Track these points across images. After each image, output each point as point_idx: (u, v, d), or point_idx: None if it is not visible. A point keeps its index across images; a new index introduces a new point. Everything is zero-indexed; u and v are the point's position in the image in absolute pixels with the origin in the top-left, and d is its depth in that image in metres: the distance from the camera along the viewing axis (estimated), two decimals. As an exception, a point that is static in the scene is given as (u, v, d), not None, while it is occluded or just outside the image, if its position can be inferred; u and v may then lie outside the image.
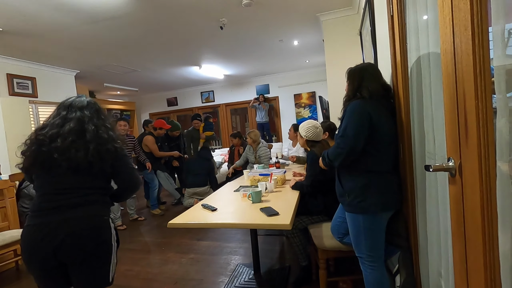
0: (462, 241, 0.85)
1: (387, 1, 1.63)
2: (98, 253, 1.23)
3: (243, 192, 2.22)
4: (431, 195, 1.27)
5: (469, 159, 0.77)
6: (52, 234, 1.17)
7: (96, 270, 1.24)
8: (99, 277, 1.25)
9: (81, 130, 1.28)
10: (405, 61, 1.50)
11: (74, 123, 1.28)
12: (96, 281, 1.25)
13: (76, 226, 1.19)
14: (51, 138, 1.24)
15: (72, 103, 1.38)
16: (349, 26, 3.58)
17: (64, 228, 1.18)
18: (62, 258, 1.19)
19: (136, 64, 5.32)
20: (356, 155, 1.44)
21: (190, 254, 2.91)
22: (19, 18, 3.05)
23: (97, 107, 1.43)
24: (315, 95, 7.27)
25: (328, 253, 1.92)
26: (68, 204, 1.21)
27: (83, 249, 1.20)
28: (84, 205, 1.23)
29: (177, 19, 3.44)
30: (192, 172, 4.64)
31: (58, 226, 1.18)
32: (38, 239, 1.17)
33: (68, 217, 1.19)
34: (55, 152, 1.21)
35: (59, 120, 1.30)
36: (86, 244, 1.20)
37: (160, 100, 8.81)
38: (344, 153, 1.45)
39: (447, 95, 0.88)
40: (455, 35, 0.79)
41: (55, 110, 1.38)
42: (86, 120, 1.31)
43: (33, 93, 4.65)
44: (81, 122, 1.30)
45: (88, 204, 1.24)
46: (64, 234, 1.17)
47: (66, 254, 1.19)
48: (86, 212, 1.22)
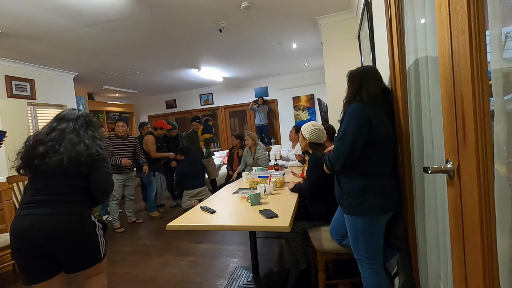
0: (460, 243, 0.85)
1: (385, 5, 1.64)
2: (80, 244, 1.39)
3: (242, 195, 2.22)
4: (429, 197, 1.28)
5: (467, 161, 0.77)
6: (37, 225, 1.32)
7: (84, 256, 1.41)
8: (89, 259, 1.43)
9: (62, 139, 1.45)
10: (403, 64, 1.51)
11: (58, 132, 1.48)
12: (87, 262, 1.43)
13: (57, 223, 1.34)
14: (34, 145, 1.43)
15: (66, 115, 1.58)
16: (347, 29, 3.60)
17: (49, 221, 1.33)
18: (48, 248, 1.33)
19: (135, 67, 5.32)
20: (355, 158, 1.45)
21: (189, 257, 2.90)
22: (19, 20, 3.05)
23: (87, 119, 1.62)
24: (313, 97, 7.29)
25: (327, 255, 1.92)
26: (50, 200, 1.37)
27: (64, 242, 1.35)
28: (66, 202, 1.39)
29: (176, 22, 3.46)
30: (189, 174, 4.62)
31: (43, 218, 1.33)
32: (27, 227, 1.32)
33: (51, 212, 1.35)
34: (35, 158, 1.40)
35: (48, 130, 1.50)
36: (67, 237, 1.35)
37: (159, 102, 8.82)
38: (344, 156, 1.46)
39: (445, 98, 0.89)
40: (453, 39, 0.80)
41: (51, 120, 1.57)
42: (70, 130, 1.50)
43: (31, 95, 4.64)
44: (64, 132, 1.48)
45: (69, 201, 1.40)
46: (49, 226, 1.32)
47: (51, 245, 1.33)
48: (68, 208, 1.38)
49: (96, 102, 7.22)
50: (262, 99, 7.27)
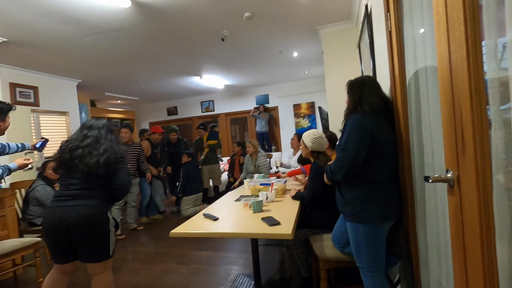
0: (461, 251, 0.87)
1: (385, 17, 1.69)
2: (96, 235, 1.63)
3: (244, 202, 2.23)
4: (430, 206, 1.30)
5: (467, 171, 0.80)
6: (64, 216, 1.59)
7: (97, 248, 1.66)
8: (100, 253, 1.67)
9: (96, 144, 1.73)
10: (403, 75, 1.55)
11: (92, 138, 1.75)
12: (98, 255, 1.68)
13: (80, 212, 1.60)
14: (72, 149, 1.70)
15: (93, 124, 1.84)
16: (347, 39, 3.66)
17: (73, 212, 1.59)
18: (69, 236, 1.60)
19: (137, 74, 5.39)
20: (357, 168, 1.47)
21: (191, 264, 2.90)
22: (24, 29, 3.11)
23: (110, 127, 1.89)
24: (314, 105, 7.34)
25: (329, 263, 1.92)
26: (77, 194, 1.64)
27: (83, 231, 1.60)
28: (90, 197, 1.65)
29: (180, 31, 3.52)
30: (193, 178, 4.65)
31: (69, 210, 1.60)
32: (56, 217, 1.60)
33: (77, 204, 1.61)
34: (76, 159, 1.67)
35: (81, 137, 1.77)
36: (85, 227, 1.59)
37: (160, 109, 8.87)
38: (346, 166, 1.48)
39: (444, 109, 0.92)
40: (451, 53, 0.84)
41: (78, 128, 1.85)
42: (102, 137, 1.77)
43: (35, 102, 4.69)
44: (97, 138, 1.76)
45: (93, 197, 1.66)
46: (73, 217, 1.58)
47: (73, 233, 1.60)
48: (90, 202, 1.64)
49: (98, 109, 7.27)
50: (263, 106, 7.32)
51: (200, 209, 4.25)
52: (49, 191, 3.15)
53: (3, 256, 2.47)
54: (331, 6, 3.20)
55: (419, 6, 1.28)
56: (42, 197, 3.09)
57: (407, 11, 1.47)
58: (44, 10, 2.73)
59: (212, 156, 5.22)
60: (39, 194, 3.10)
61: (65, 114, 5.29)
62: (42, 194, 3.10)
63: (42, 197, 3.09)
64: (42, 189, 3.14)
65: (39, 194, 3.10)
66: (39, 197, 3.09)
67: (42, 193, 3.11)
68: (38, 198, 3.09)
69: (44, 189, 3.14)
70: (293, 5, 3.08)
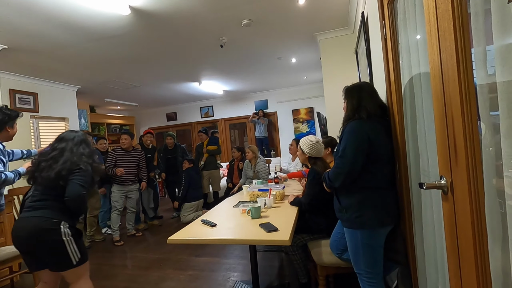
0: (456, 257, 0.88)
1: (380, 25, 1.71)
2: (46, 246, 1.61)
3: (243, 208, 2.24)
4: (426, 212, 1.31)
5: (459, 178, 0.81)
6: (19, 227, 1.64)
7: (53, 258, 1.64)
8: (61, 263, 1.65)
9: (60, 156, 1.74)
10: (399, 82, 1.57)
11: (58, 151, 1.76)
12: (59, 266, 1.66)
13: (29, 224, 1.62)
14: (36, 163, 1.76)
15: (64, 136, 1.85)
16: (345, 45, 3.70)
17: (24, 223, 1.64)
18: (25, 246, 1.65)
19: (136, 80, 5.42)
20: (355, 175, 1.48)
21: (189, 271, 2.88)
22: (24, 36, 3.14)
23: (81, 138, 1.88)
24: (313, 110, 7.38)
25: (328, 269, 1.92)
26: (32, 206, 1.67)
27: (31, 242, 1.61)
28: (41, 208, 1.66)
29: (179, 38, 3.55)
30: (194, 183, 4.64)
31: (24, 221, 1.65)
32: (15, 228, 1.66)
33: (30, 216, 1.64)
34: (37, 171, 1.72)
35: (50, 149, 1.79)
36: (33, 238, 1.60)
37: (159, 115, 8.90)
38: (344, 173, 1.49)
39: (437, 117, 0.93)
40: (442, 62, 0.85)
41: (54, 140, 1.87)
42: (67, 149, 1.77)
43: (34, 108, 4.71)
44: (62, 151, 1.76)
45: (44, 208, 1.66)
46: (23, 228, 1.63)
47: (25, 244, 1.64)
48: (40, 213, 1.64)
49: (97, 115, 7.29)
50: (263, 112, 7.35)
51: (202, 213, 4.26)
52: None
53: (1, 263, 2.46)
54: (328, 13, 3.24)
55: (413, 15, 1.30)
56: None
57: (401, 19, 1.50)
58: (44, 17, 2.76)
59: (212, 161, 5.22)
60: None
61: (65, 120, 5.31)
62: None
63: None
64: None
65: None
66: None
67: None
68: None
69: None
70: (291, 12, 3.12)
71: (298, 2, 2.90)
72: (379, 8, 1.73)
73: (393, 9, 1.60)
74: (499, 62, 0.66)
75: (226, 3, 2.80)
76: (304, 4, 2.94)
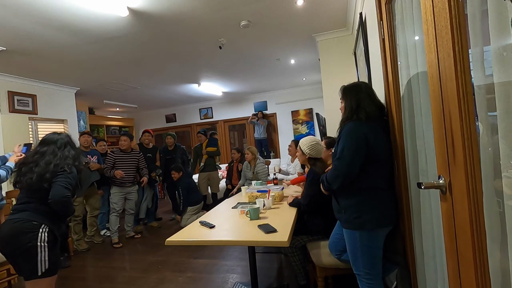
0: (455, 257, 0.87)
1: (378, 25, 1.71)
2: (19, 248, 1.57)
3: (241, 209, 2.23)
4: (425, 212, 1.30)
5: (458, 177, 0.80)
6: (4, 228, 1.62)
7: (23, 263, 1.59)
8: (27, 269, 1.59)
9: (41, 159, 1.72)
10: (397, 82, 1.56)
11: (39, 155, 1.75)
12: (25, 272, 1.60)
13: (10, 226, 1.60)
14: (21, 166, 1.75)
15: (46, 139, 1.84)
16: (344, 46, 3.71)
17: (6, 226, 1.61)
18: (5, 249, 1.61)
19: (135, 82, 5.41)
20: (353, 177, 1.47)
21: (187, 273, 2.87)
22: (23, 37, 3.14)
23: (65, 141, 1.87)
24: (312, 111, 7.38)
25: (327, 270, 1.91)
26: (17, 208, 1.67)
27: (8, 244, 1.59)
28: (23, 210, 1.64)
29: (177, 39, 3.55)
30: (193, 189, 4.59)
31: (7, 223, 1.62)
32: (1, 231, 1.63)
33: (13, 218, 1.62)
34: (19, 176, 1.72)
35: (33, 153, 1.79)
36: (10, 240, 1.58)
37: (159, 117, 8.89)
38: (342, 176, 1.47)
39: (435, 116, 0.93)
40: (440, 61, 0.85)
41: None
42: (48, 152, 1.76)
43: (33, 110, 4.70)
44: (44, 154, 1.75)
45: (26, 210, 1.65)
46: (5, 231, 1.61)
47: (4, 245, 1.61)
48: (22, 216, 1.62)
49: (96, 117, 7.28)
50: (262, 113, 7.35)
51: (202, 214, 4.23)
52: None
53: (-2, 265, 2.44)
54: (327, 14, 3.24)
55: (411, 15, 1.30)
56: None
57: (399, 19, 1.50)
58: (42, 19, 2.76)
59: (211, 163, 5.20)
60: None
61: (63, 122, 5.30)
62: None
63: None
64: None
65: None
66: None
67: None
68: None
69: None
70: (289, 13, 3.12)
71: (296, 3, 2.91)
72: (377, 9, 1.73)
73: (390, 10, 1.60)
74: (496, 63, 0.65)
75: (224, 5, 2.81)
76: (302, 5, 2.95)
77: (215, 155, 5.30)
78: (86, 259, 3.52)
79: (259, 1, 2.81)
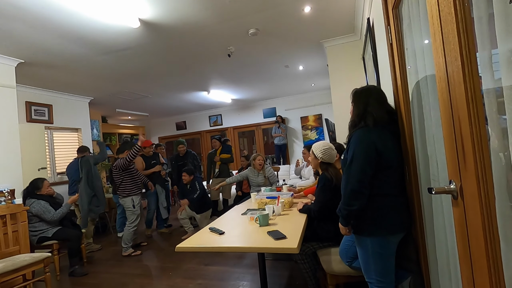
0: (468, 264, 0.85)
1: (386, 30, 1.71)
2: None
3: (251, 215, 2.23)
4: (438, 218, 1.27)
5: (469, 182, 0.79)
6: None
7: None
8: None
9: None
10: (406, 86, 1.55)
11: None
12: None
13: None
14: None
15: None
16: (352, 51, 3.70)
17: None
18: None
19: (146, 90, 5.53)
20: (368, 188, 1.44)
21: (198, 280, 2.87)
22: (40, 50, 3.27)
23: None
24: (321, 117, 7.35)
25: (338, 278, 1.88)
26: None
27: None
28: None
29: (187, 49, 3.63)
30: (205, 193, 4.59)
31: None
32: None
33: None
34: None
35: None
36: None
37: (169, 124, 9.03)
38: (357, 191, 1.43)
39: (444, 121, 0.92)
40: (448, 64, 0.85)
41: None
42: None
43: (49, 119, 4.86)
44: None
45: None
46: None
47: None
48: None
49: (109, 125, 7.46)
50: (281, 117, 7.32)
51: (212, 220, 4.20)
52: (43, 204, 3.24)
53: (15, 271, 2.50)
54: (334, 20, 3.26)
55: (418, 19, 1.29)
56: (38, 211, 3.19)
57: (407, 24, 1.50)
58: (58, 32, 2.87)
59: (224, 169, 5.15)
60: (35, 210, 3.18)
61: (77, 130, 5.45)
62: (38, 209, 3.19)
63: (39, 212, 3.19)
64: (37, 204, 3.22)
65: (35, 210, 3.18)
66: (36, 213, 3.18)
67: (38, 208, 3.19)
68: (35, 213, 3.18)
69: (38, 204, 3.22)
70: (297, 20, 3.15)
71: (303, 11, 2.94)
72: (384, 14, 1.73)
73: (398, 14, 1.60)
74: (504, 66, 0.65)
75: (232, 14, 2.86)
76: (309, 12, 2.97)
77: (229, 162, 5.27)
78: (99, 266, 3.57)
79: (267, 10, 2.85)
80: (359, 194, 1.43)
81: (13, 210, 2.90)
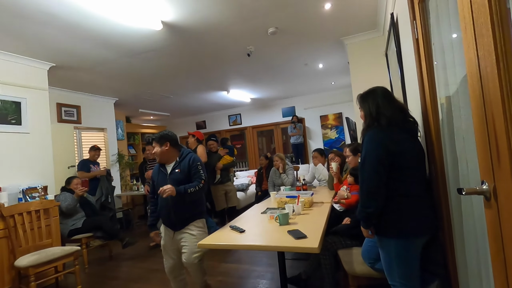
0: (502, 268, 0.81)
1: (411, 25, 1.66)
2: None
3: (270, 214, 2.23)
4: (468, 220, 1.22)
5: (503, 182, 0.75)
6: None
7: None
8: None
9: None
10: (433, 83, 1.49)
11: None
12: None
13: None
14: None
15: None
16: (374, 47, 3.60)
17: None
18: None
19: (168, 91, 5.67)
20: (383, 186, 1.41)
21: (218, 277, 2.91)
22: (69, 54, 3.44)
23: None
24: (341, 116, 7.21)
25: (359, 279, 1.84)
26: None
27: None
28: None
29: (207, 49, 3.68)
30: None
31: None
32: None
33: None
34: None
35: None
36: None
37: (189, 124, 9.20)
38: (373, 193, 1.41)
39: (476, 118, 0.88)
40: (480, 59, 0.81)
41: None
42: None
43: (77, 120, 5.10)
44: None
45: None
46: None
47: None
48: None
49: (132, 125, 7.71)
50: (297, 117, 7.26)
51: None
52: (67, 195, 3.52)
53: (47, 263, 2.66)
54: (356, 17, 3.18)
55: (446, 13, 1.24)
56: (59, 199, 3.45)
57: (434, 17, 1.44)
58: (85, 36, 3.01)
59: (225, 174, 4.54)
60: (58, 199, 3.46)
61: (103, 130, 5.68)
62: (60, 198, 3.48)
63: (60, 200, 3.45)
64: (62, 195, 3.53)
65: (58, 199, 3.45)
66: (58, 200, 3.43)
67: (60, 197, 3.49)
68: (57, 201, 3.41)
69: (63, 195, 3.52)
70: (317, 18, 3.11)
71: (324, 8, 2.89)
72: (409, 8, 1.67)
73: (424, 8, 1.54)
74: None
75: (252, 14, 2.87)
76: (330, 9, 2.92)
77: (232, 166, 4.81)
78: (122, 260, 3.71)
79: (286, 8, 2.84)
80: (374, 194, 1.41)
81: (46, 205, 3.08)
